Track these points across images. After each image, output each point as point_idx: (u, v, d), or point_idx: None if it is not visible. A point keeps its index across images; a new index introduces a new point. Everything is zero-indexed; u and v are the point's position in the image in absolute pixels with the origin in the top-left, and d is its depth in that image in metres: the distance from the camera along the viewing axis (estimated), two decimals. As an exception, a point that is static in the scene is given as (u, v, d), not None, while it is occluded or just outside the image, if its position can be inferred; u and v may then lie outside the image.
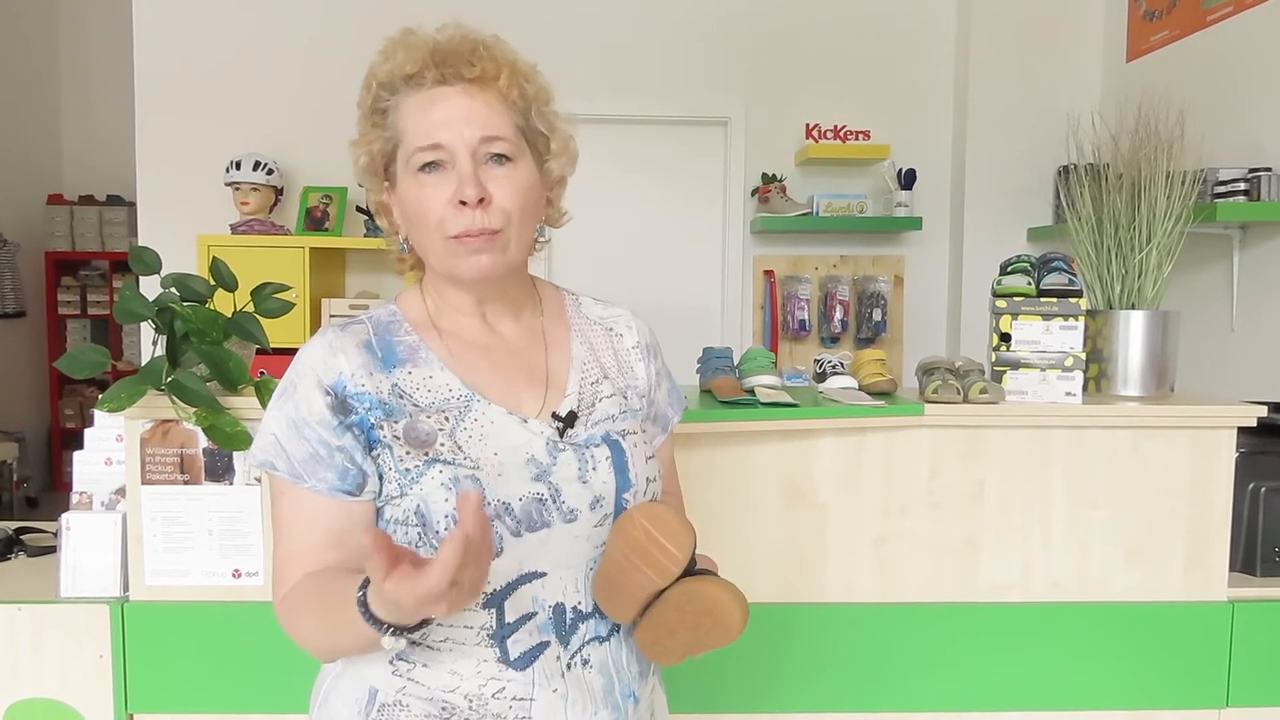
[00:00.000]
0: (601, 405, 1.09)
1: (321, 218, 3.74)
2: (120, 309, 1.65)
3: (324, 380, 0.99)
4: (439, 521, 0.96)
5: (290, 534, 1.00)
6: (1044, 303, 1.90)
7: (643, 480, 1.07)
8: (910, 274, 4.11)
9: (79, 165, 6.19)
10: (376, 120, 1.04)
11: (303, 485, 0.98)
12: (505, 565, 0.98)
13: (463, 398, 1.02)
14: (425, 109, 1.00)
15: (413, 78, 1.00)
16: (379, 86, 1.03)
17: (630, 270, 4.01)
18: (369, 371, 1.00)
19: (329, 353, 1.00)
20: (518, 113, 1.03)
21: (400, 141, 1.02)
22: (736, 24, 4.00)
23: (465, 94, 1.00)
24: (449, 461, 0.98)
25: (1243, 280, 3.04)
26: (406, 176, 1.02)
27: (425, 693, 1.01)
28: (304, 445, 0.98)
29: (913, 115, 4.04)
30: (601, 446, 1.05)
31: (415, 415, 0.99)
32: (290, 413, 1.00)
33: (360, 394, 0.99)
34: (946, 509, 1.86)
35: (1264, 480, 1.93)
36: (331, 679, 1.07)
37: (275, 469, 0.99)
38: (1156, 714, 1.88)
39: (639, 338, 1.17)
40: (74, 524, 1.75)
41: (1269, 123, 2.94)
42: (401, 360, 1.02)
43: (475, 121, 0.99)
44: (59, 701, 1.72)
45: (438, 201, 0.99)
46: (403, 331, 1.05)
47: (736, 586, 0.98)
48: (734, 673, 1.84)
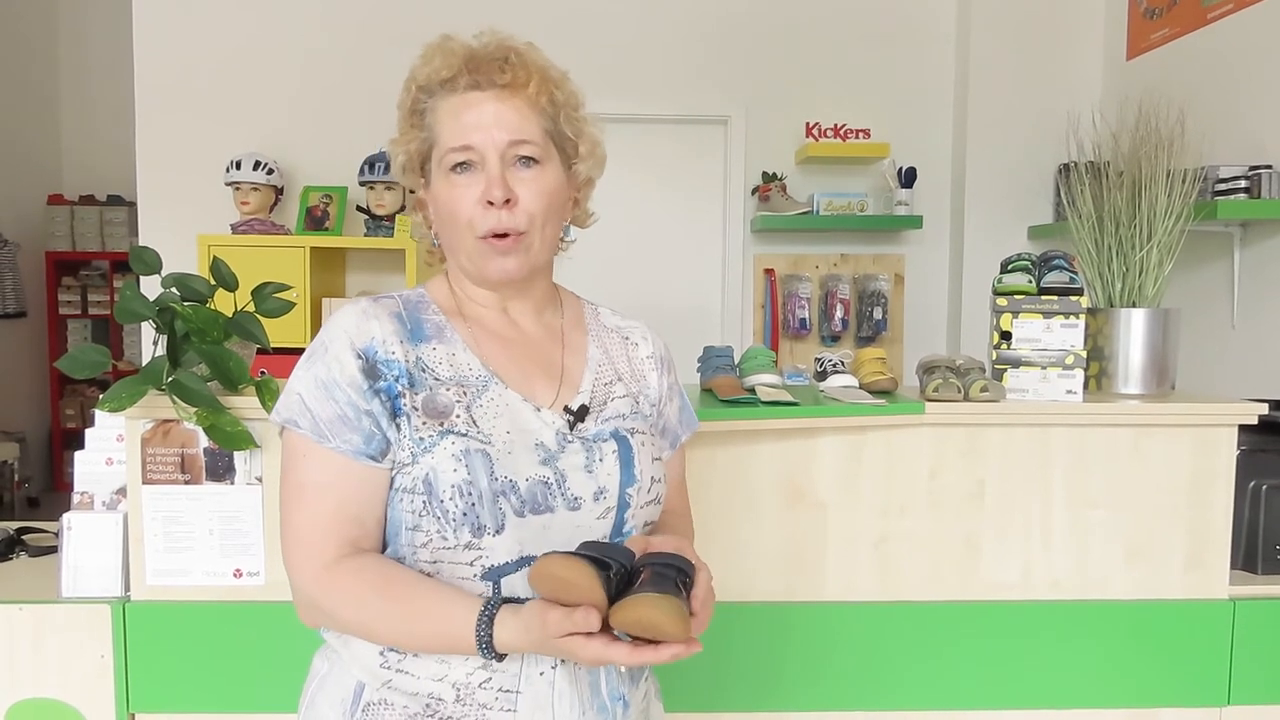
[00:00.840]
0: (613, 404, 1.12)
1: (322, 217, 3.74)
2: (121, 309, 1.65)
3: (357, 343, 1.02)
4: (444, 491, 0.98)
5: (311, 498, 1.01)
6: (1045, 301, 1.90)
7: (647, 478, 1.08)
8: (911, 272, 4.11)
9: (79, 165, 6.20)
10: (415, 121, 1.09)
11: (326, 445, 1.00)
12: (506, 544, 1.00)
13: (481, 378, 1.06)
14: (458, 112, 1.06)
15: (448, 82, 1.06)
16: (418, 89, 1.08)
17: (630, 269, 4.01)
18: (399, 340, 1.04)
19: (363, 318, 1.04)
20: (546, 118, 1.08)
21: (435, 142, 1.08)
22: (736, 23, 4.00)
23: (496, 99, 1.05)
24: (462, 434, 1.00)
25: (1243, 278, 3.04)
26: (440, 175, 1.07)
27: (412, 685, 1.01)
28: (332, 405, 1.01)
29: (913, 114, 4.04)
30: (609, 441, 1.08)
31: (435, 388, 1.03)
32: (320, 373, 1.02)
33: (390, 360, 1.02)
34: (947, 507, 1.86)
35: (1265, 478, 1.93)
36: (318, 680, 1.08)
37: (299, 427, 1.01)
38: (1158, 712, 1.88)
39: (654, 349, 1.22)
40: (75, 524, 1.75)
41: (1269, 120, 2.93)
42: (428, 336, 1.07)
43: (504, 125, 1.05)
44: (60, 701, 1.72)
45: (467, 201, 1.05)
46: (430, 311, 1.10)
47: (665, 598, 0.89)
48: (734, 672, 1.84)
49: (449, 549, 1.00)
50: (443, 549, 1.00)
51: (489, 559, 1.00)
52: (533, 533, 1.00)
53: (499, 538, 0.99)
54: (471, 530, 0.98)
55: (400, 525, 1.02)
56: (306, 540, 1.01)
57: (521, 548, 1.00)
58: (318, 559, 1.00)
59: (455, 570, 1.00)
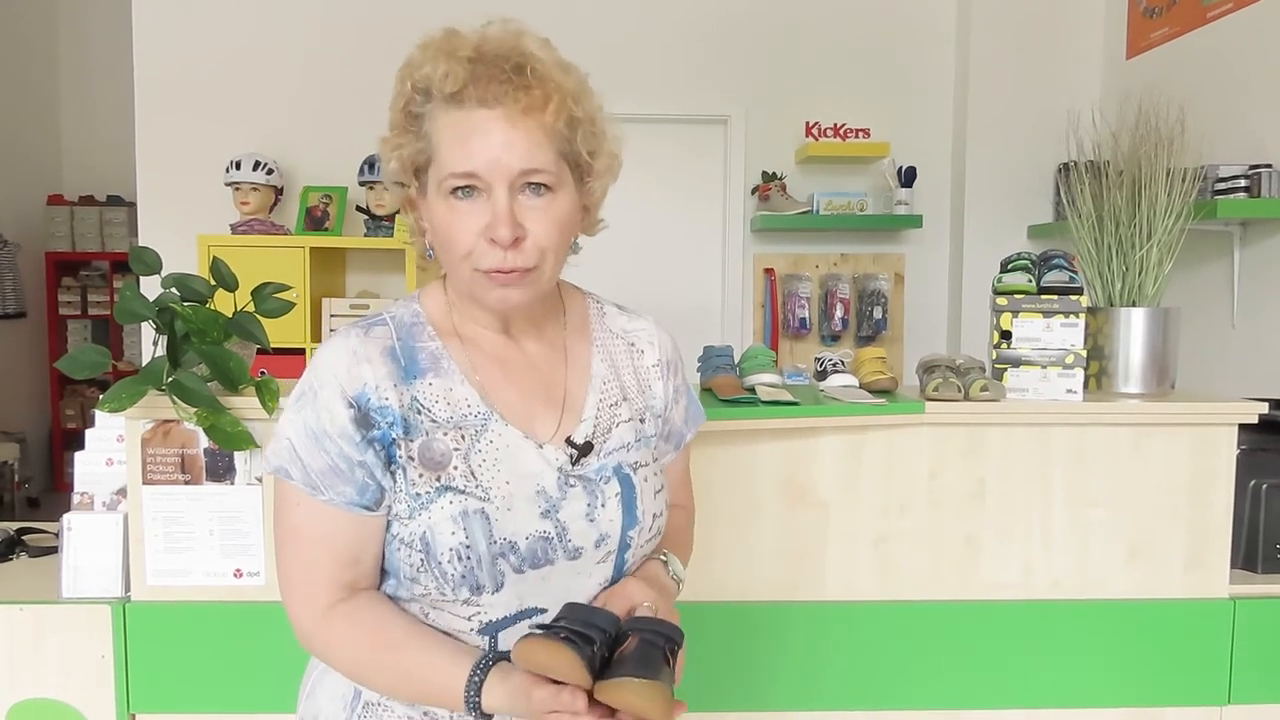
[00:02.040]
0: (617, 431, 1.07)
1: (321, 217, 3.74)
2: (121, 309, 1.65)
3: (348, 391, 0.96)
4: (443, 554, 0.95)
5: (305, 546, 0.99)
6: (1045, 300, 1.90)
7: (649, 517, 1.06)
8: (911, 272, 4.11)
9: (79, 165, 6.20)
10: (409, 125, 0.98)
11: (319, 498, 0.96)
12: (505, 599, 0.98)
13: (480, 415, 1.00)
14: (463, 135, 0.94)
15: (453, 96, 0.94)
16: (414, 89, 0.96)
17: (630, 269, 4.01)
18: (393, 383, 0.97)
19: (353, 361, 0.97)
20: (562, 139, 0.97)
21: (433, 157, 0.96)
22: (736, 23, 4.00)
23: (507, 121, 0.93)
24: (460, 490, 0.96)
25: (1243, 277, 3.04)
26: (438, 196, 0.96)
27: None
28: (323, 457, 0.96)
29: (913, 113, 4.04)
30: (612, 482, 1.03)
31: (432, 433, 0.97)
32: (310, 421, 0.96)
33: (384, 408, 0.96)
34: (947, 507, 1.86)
35: (1265, 477, 1.93)
36: (319, 671, 1.08)
37: (290, 477, 0.97)
38: (1158, 711, 1.88)
39: (660, 354, 1.14)
40: (75, 524, 1.75)
41: (1269, 119, 2.93)
42: (423, 370, 1.00)
43: (516, 152, 0.93)
44: (61, 702, 1.72)
45: (468, 231, 0.94)
46: (426, 336, 1.02)
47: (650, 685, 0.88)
48: (734, 672, 1.84)
49: (447, 602, 0.99)
50: (441, 601, 0.99)
51: (486, 614, 0.99)
52: (532, 585, 0.99)
53: (498, 595, 0.98)
54: (470, 589, 0.96)
55: (399, 571, 1.00)
56: (301, 586, 0.99)
57: (520, 601, 0.99)
58: (314, 605, 0.99)
59: (452, 622, 0.99)
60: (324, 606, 0.98)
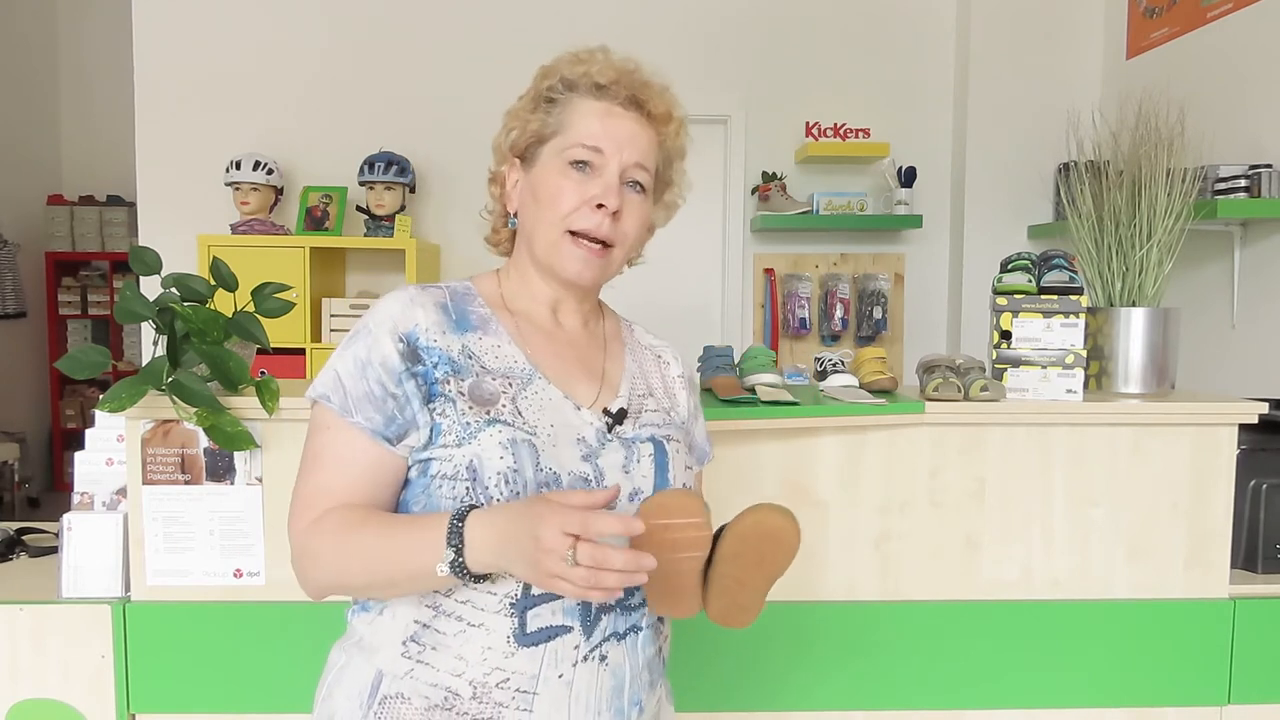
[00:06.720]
0: (647, 414, 1.16)
1: (321, 217, 3.74)
2: (121, 309, 1.65)
3: (399, 328, 1.05)
4: (490, 478, 0.99)
5: (326, 466, 1.04)
6: (1045, 300, 1.90)
7: (680, 484, 1.11)
8: (910, 272, 4.11)
9: (79, 165, 6.20)
10: (543, 106, 1.12)
11: (349, 420, 1.02)
12: None
13: (526, 371, 1.08)
14: (602, 116, 1.09)
15: (601, 88, 1.09)
16: (560, 81, 1.11)
17: (630, 269, 4.01)
18: (442, 330, 1.06)
19: (408, 304, 1.06)
20: (663, 156, 1.15)
21: (561, 131, 1.10)
22: (736, 23, 4.00)
23: (638, 122, 1.10)
24: (508, 423, 1.02)
25: (1243, 277, 3.04)
26: (554, 163, 1.09)
27: (431, 676, 1.01)
28: (362, 384, 1.03)
29: (913, 113, 4.04)
30: (647, 444, 1.10)
31: (481, 375, 1.05)
32: (359, 353, 1.04)
33: (431, 348, 1.05)
34: (947, 506, 1.86)
35: (1265, 477, 1.93)
36: (335, 672, 1.08)
37: (329, 401, 1.04)
38: (1158, 711, 1.88)
39: (683, 370, 1.27)
40: (75, 524, 1.75)
41: (1269, 119, 2.93)
42: (474, 326, 1.09)
43: (636, 146, 1.10)
44: (61, 702, 1.72)
45: (574, 196, 1.07)
46: (476, 304, 1.12)
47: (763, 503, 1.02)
48: (735, 672, 1.84)
49: None
50: None
51: (516, 588, 0.99)
52: None
53: None
54: None
55: None
56: (309, 501, 1.03)
57: None
58: (313, 513, 1.02)
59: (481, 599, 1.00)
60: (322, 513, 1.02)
